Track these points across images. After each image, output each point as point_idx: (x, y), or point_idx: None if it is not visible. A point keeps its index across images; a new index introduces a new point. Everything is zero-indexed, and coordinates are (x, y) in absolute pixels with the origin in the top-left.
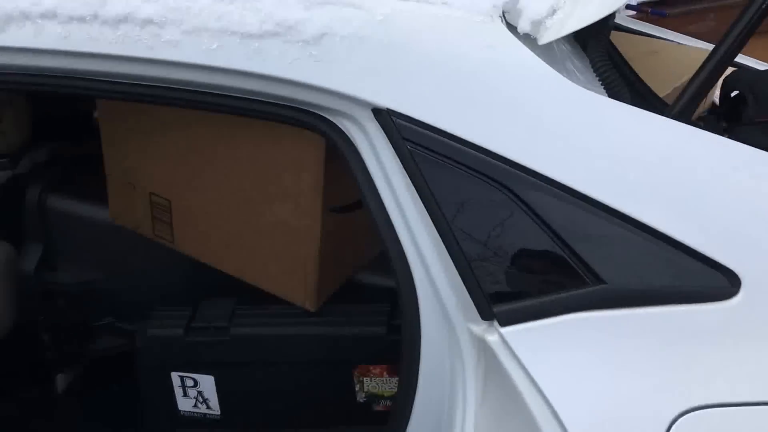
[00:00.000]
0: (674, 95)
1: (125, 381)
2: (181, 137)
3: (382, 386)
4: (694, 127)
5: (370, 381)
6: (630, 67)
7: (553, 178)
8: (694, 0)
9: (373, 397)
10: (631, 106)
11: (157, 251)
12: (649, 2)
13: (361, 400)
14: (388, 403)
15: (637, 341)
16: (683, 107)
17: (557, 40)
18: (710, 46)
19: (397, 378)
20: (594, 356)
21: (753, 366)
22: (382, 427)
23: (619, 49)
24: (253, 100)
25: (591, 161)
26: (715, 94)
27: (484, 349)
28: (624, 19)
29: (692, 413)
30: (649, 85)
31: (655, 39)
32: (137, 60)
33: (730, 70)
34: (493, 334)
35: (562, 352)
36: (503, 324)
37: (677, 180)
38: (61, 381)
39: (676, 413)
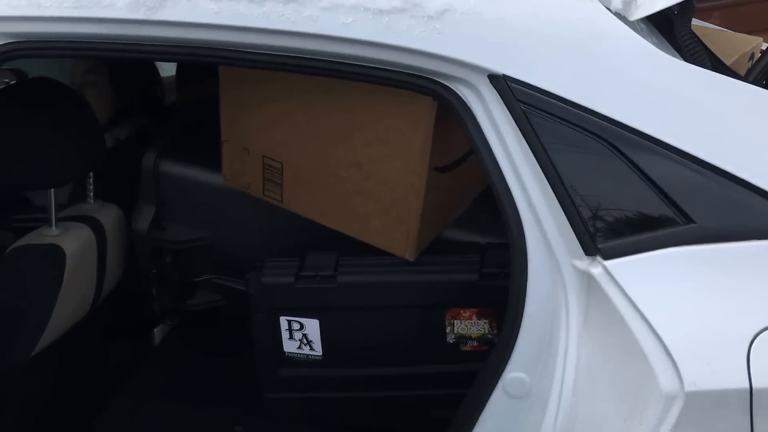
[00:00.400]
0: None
1: (215, 335)
2: (298, 104)
3: (470, 328)
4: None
5: (460, 323)
6: (703, 44)
7: (650, 134)
8: None
9: (461, 338)
10: (716, 73)
11: (258, 211)
12: None
13: (451, 341)
14: (475, 343)
15: (722, 271)
16: (758, 75)
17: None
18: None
19: (484, 321)
20: (686, 284)
21: None
22: (477, 364)
23: None
24: (378, 68)
25: (682, 119)
26: None
27: (587, 281)
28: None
29: None
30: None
31: (701, 26)
32: (280, 33)
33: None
34: (597, 267)
35: (659, 281)
36: (606, 258)
37: (759, 136)
38: (158, 333)
39: (757, 330)
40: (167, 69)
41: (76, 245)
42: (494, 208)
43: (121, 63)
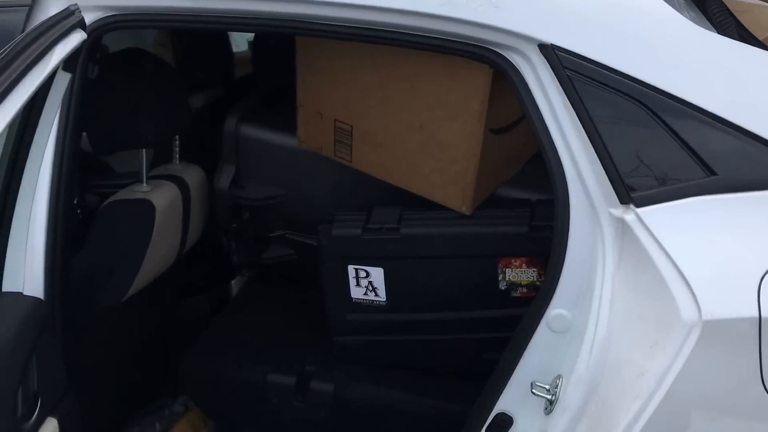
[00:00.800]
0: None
1: (288, 286)
2: (367, 72)
3: (520, 276)
4: None
5: (511, 272)
6: (735, 17)
7: (681, 97)
8: None
9: (512, 285)
10: (740, 42)
11: (329, 171)
12: None
13: (503, 288)
14: (525, 290)
15: (739, 217)
16: None
17: None
18: None
19: (533, 269)
20: (707, 228)
21: None
22: (527, 309)
23: None
24: (439, 38)
25: (710, 83)
26: None
27: (621, 227)
28: None
29: None
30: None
31: (738, 1)
32: (352, 6)
33: None
34: (630, 214)
35: (684, 226)
36: (638, 206)
37: None
38: (235, 285)
39: None
40: (240, 45)
41: (164, 200)
42: (545, 169)
43: (205, 33)
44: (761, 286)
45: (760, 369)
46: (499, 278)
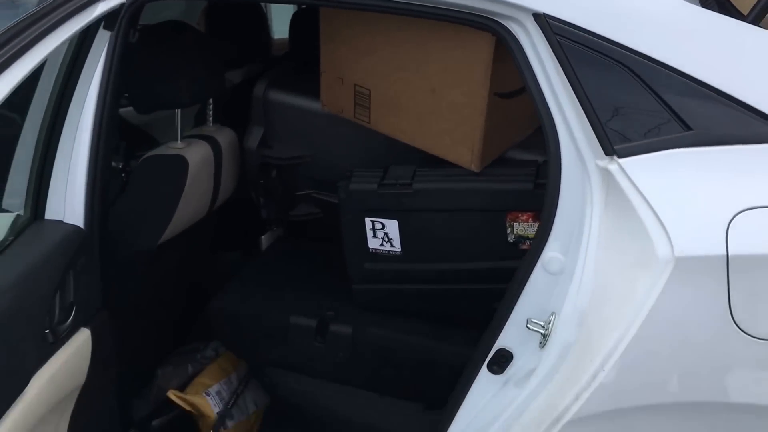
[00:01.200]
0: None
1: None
2: (384, 40)
3: (527, 229)
4: (760, 28)
5: (519, 225)
6: None
7: (659, 59)
8: None
9: (520, 238)
10: (716, 13)
11: (349, 132)
12: None
13: (511, 240)
14: (531, 242)
15: (711, 167)
16: (755, 15)
17: None
18: None
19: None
20: (682, 177)
21: None
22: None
23: None
24: (446, 8)
25: (686, 48)
26: None
27: (606, 176)
28: None
29: (746, 211)
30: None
31: None
32: None
33: None
34: (614, 165)
35: (661, 174)
36: (621, 157)
37: (748, 64)
38: (264, 240)
39: (735, 212)
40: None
41: (197, 156)
42: None
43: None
44: (729, 228)
45: (728, 302)
46: (508, 231)
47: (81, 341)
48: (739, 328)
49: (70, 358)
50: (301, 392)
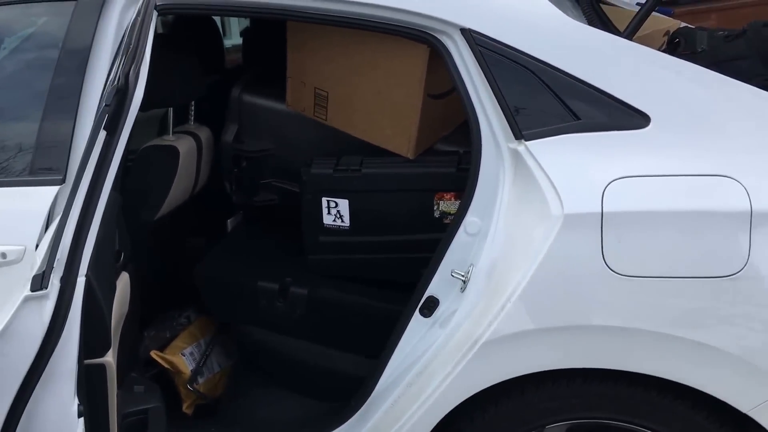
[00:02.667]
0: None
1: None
2: (340, 50)
3: (450, 207)
4: (630, 41)
5: (444, 203)
6: (606, 16)
7: (556, 65)
8: (700, 1)
9: (444, 214)
10: (600, 30)
11: (309, 128)
12: (658, 0)
13: (436, 216)
14: (453, 218)
15: (595, 148)
16: (629, 32)
17: None
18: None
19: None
20: (573, 155)
21: (651, 161)
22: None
23: (610, 14)
24: (388, 23)
25: (576, 56)
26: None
27: (516, 155)
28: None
29: (617, 180)
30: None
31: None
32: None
33: (677, 26)
34: (521, 146)
35: (556, 153)
36: (527, 140)
37: (621, 65)
38: (230, 223)
39: (609, 180)
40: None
41: (185, 148)
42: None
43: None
44: (605, 192)
45: (602, 247)
46: (434, 208)
47: (125, 281)
48: (609, 267)
49: (122, 291)
50: (266, 345)
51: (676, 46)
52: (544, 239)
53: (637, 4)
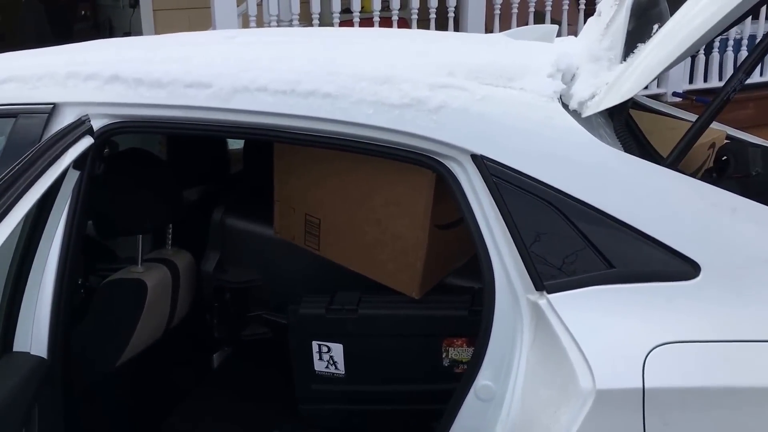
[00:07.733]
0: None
1: (265, 361)
2: (333, 174)
3: (461, 354)
4: (677, 172)
5: (454, 350)
6: (643, 134)
7: (584, 200)
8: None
9: (454, 362)
10: (637, 158)
11: (299, 258)
12: (694, 91)
13: (446, 364)
14: (465, 366)
15: (630, 303)
16: (672, 160)
17: (594, 114)
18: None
19: (473, 348)
20: (604, 312)
21: (703, 322)
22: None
23: (646, 124)
24: (392, 147)
25: (608, 190)
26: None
27: (536, 309)
28: (665, 106)
29: (660, 346)
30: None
31: (677, 120)
32: (319, 119)
33: (725, 140)
34: (543, 299)
35: (585, 310)
36: (550, 292)
37: (664, 202)
38: (216, 359)
39: (652, 347)
40: (235, 142)
41: (155, 280)
42: None
43: (198, 138)
44: (646, 362)
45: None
46: (443, 356)
47: None
48: None
49: None
50: None
51: (724, 165)
52: (572, 418)
53: (674, 93)
